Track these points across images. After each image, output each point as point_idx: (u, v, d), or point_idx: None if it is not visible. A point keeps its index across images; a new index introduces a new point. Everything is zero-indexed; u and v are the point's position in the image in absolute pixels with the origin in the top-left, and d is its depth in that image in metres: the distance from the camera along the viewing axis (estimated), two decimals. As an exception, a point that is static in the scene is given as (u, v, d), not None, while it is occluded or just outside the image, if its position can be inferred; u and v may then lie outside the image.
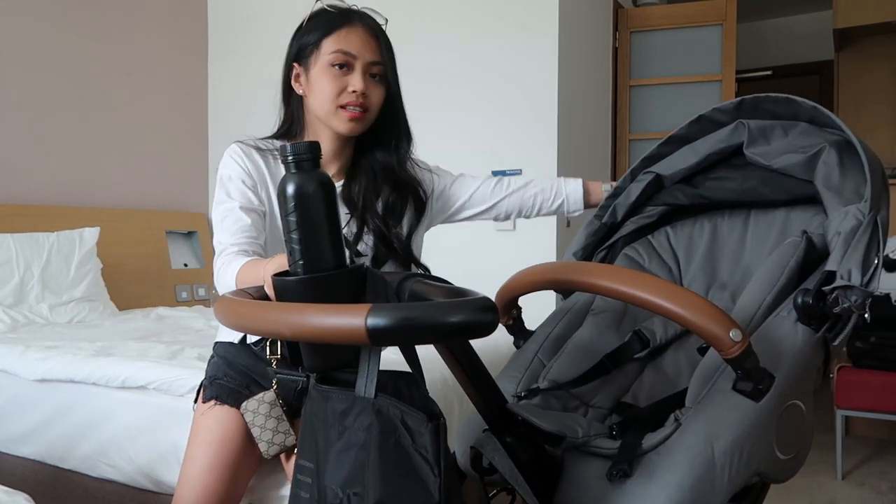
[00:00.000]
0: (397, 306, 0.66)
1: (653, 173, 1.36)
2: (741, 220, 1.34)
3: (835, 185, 1.11)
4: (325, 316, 0.68)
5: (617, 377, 1.27)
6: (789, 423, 0.96)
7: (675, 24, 3.95)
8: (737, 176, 1.30)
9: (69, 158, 3.40)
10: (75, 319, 2.90)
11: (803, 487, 2.86)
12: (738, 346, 0.86)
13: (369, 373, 0.81)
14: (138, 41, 3.73)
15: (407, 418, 0.78)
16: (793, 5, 5.31)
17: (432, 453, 0.77)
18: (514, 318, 1.31)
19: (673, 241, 1.41)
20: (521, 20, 3.20)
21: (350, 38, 1.33)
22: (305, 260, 0.81)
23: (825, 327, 1.02)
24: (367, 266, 0.86)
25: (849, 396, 2.93)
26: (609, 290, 0.94)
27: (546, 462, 1.01)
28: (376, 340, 0.66)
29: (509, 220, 1.66)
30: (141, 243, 3.54)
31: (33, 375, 2.04)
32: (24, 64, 3.22)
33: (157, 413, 1.83)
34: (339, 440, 0.83)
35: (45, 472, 2.03)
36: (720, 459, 0.90)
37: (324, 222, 0.81)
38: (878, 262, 1.00)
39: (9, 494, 1.25)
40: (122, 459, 1.87)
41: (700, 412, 0.95)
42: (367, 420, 0.80)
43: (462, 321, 0.66)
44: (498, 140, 3.25)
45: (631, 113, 4.02)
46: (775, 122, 1.24)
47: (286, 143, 0.82)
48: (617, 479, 0.92)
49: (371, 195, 1.40)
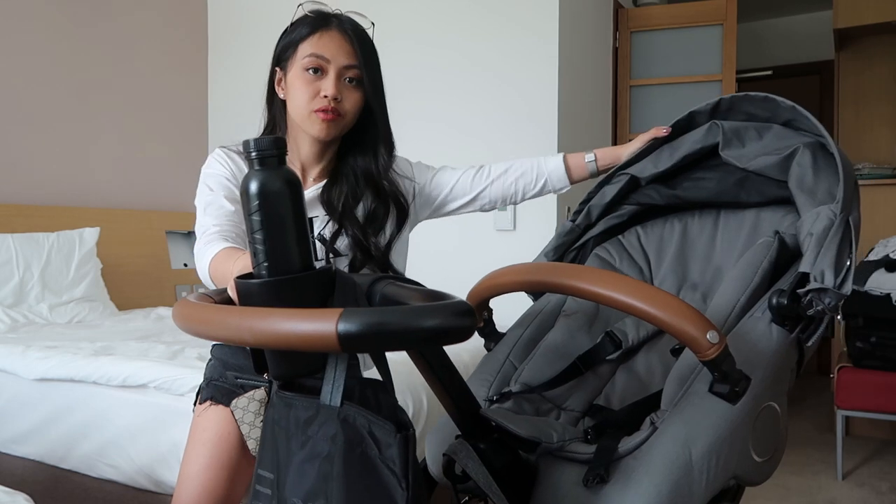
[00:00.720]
0: (370, 311, 0.62)
1: (628, 175, 1.36)
2: (711, 220, 1.34)
3: (808, 186, 1.11)
4: (292, 321, 0.63)
5: (589, 379, 1.26)
6: (765, 425, 0.96)
7: (676, 24, 3.95)
8: (713, 177, 1.30)
9: (69, 159, 3.40)
10: (75, 319, 2.90)
11: (803, 488, 2.86)
12: (716, 347, 0.85)
13: (336, 380, 0.77)
14: (138, 41, 3.73)
15: (374, 428, 0.75)
16: (793, 5, 5.30)
17: (400, 466, 0.73)
18: (486, 321, 1.28)
19: (643, 241, 1.41)
20: (522, 20, 3.20)
21: (324, 43, 1.32)
22: (270, 262, 0.76)
23: (799, 328, 1.02)
24: (336, 268, 0.82)
25: (849, 397, 2.93)
26: (585, 291, 0.93)
27: (520, 468, 0.99)
28: (348, 347, 0.61)
29: (498, 208, 1.63)
30: (141, 243, 3.54)
31: (33, 375, 2.04)
32: (24, 64, 3.22)
33: (158, 413, 1.83)
34: (301, 450, 0.79)
35: (44, 473, 2.02)
36: (698, 463, 0.89)
37: (289, 222, 0.77)
38: (851, 264, 0.99)
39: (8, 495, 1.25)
40: (121, 459, 1.87)
41: (676, 415, 0.94)
42: (332, 429, 0.77)
43: (439, 326, 0.62)
44: (498, 140, 3.25)
45: (631, 113, 4.02)
46: (749, 123, 1.25)
47: (249, 139, 0.78)
48: (593, 484, 0.91)
49: (350, 201, 1.39)
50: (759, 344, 0.99)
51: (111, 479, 1.91)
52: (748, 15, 5.30)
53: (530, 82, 3.19)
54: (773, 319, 1.00)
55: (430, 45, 3.32)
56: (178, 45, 3.97)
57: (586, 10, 3.52)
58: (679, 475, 0.88)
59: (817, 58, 5.26)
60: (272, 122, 1.44)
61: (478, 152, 3.26)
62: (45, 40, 3.30)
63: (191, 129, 4.01)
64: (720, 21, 3.85)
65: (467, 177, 1.59)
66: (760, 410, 0.95)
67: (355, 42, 1.35)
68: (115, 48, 3.61)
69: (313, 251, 1.30)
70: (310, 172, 1.43)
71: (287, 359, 0.80)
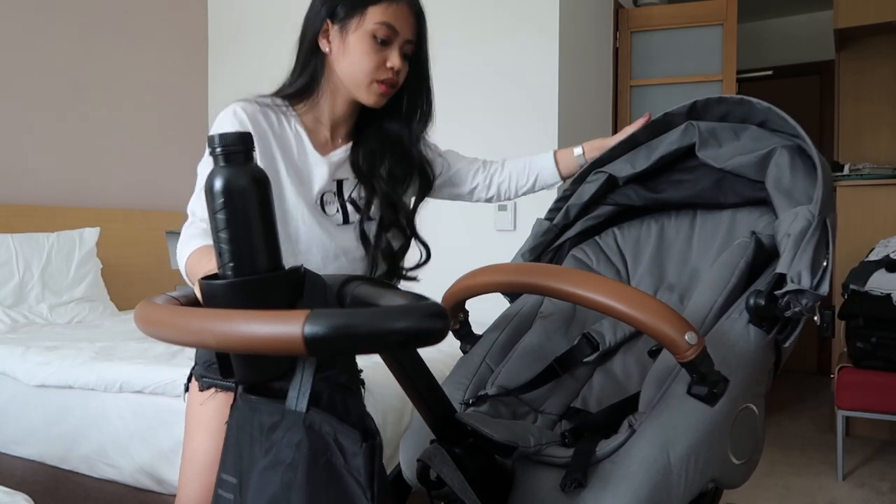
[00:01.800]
0: (338, 312, 0.59)
1: (605, 173, 1.36)
2: (688, 220, 1.34)
3: (785, 187, 1.11)
4: (257, 324, 0.60)
5: (566, 382, 1.25)
6: (743, 427, 0.95)
7: (676, 24, 3.95)
8: (690, 178, 1.30)
9: (69, 159, 3.40)
10: (75, 320, 2.90)
11: (804, 488, 2.86)
12: (694, 349, 0.85)
13: (302, 384, 0.75)
14: (138, 41, 3.73)
15: (340, 436, 0.73)
16: (793, 5, 5.30)
17: (365, 476, 0.71)
18: (462, 323, 1.27)
19: (620, 242, 1.41)
20: (522, 20, 3.20)
21: (395, 14, 1.29)
22: (235, 262, 0.73)
23: (776, 329, 1.01)
24: (305, 269, 0.78)
25: (849, 397, 2.93)
26: (563, 292, 0.92)
27: (497, 473, 0.97)
28: (315, 350, 0.58)
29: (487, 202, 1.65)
30: (141, 243, 3.54)
31: (34, 381, 2.04)
32: (24, 65, 3.22)
33: (157, 412, 1.83)
34: (265, 457, 0.76)
35: (45, 473, 2.02)
36: (676, 466, 0.88)
37: (256, 221, 0.73)
38: (828, 265, 0.99)
39: (8, 495, 1.25)
40: (122, 459, 1.87)
41: (655, 418, 0.93)
42: (296, 436, 0.74)
43: (410, 328, 0.59)
44: (498, 140, 3.25)
45: (632, 113, 4.02)
46: (726, 124, 1.25)
47: (214, 135, 0.74)
48: (571, 489, 0.89)
49: (377, 160, 1.38)
50: (736, 345, 0.98)
51: (111, 479, 1.91)
52: (748, 15, 5.30)
53: (531, 82, 3.18)
54: (751, 320, 1.00)
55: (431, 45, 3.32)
56: (179, 45, 3.97)
57: (587, 10, 3.52)
58: (657, 479, 0.87)
59: (817, 58, 5.26)
60: (310, 77, 1.36)
61: (478, 151, 3.24)
62: (46, 41, 3.30)
63: (191, 129, 4.01)
64: (720, 21, 3.85)
65: (470, 167, 1.60)
66: (739, 412, 0.94)
67: (419, 17, 1.35)
68: (115, 48, 3.61)
69: (343, 213, 1.29)
70: (339, 132, 1.40)
71: (252, 363, 0.77)
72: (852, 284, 3.03)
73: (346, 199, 1.36)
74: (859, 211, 3.70)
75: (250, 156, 0.75)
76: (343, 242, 1.34)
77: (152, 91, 3.82)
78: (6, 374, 2.13)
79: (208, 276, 0.77)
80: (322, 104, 1.36)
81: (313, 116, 1.37)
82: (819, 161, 1.07)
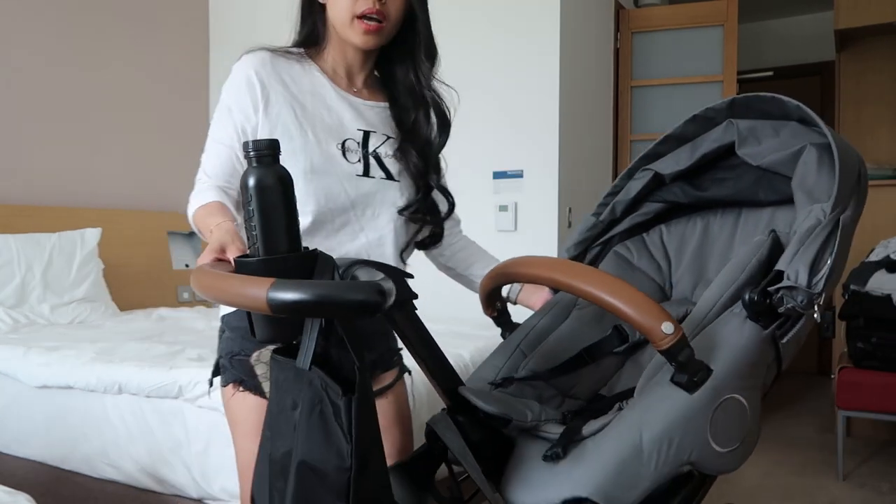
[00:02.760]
0: (297, 283, 0.74)
1: (651, 171, 1.36)
2: (732, 218, 1.35)
3: (808, 185, 1.12)
4: (238, 286, 0.78)
5: (597, 370, 1.30)
6: (727, 416, 0.97)
7: (677, 25, 3.95)
8: (732, 176, 1.32)
9: (71, 159, 3.41)
10: (76, 320, 2.91)
11: (804, 488, 2.86)
12: (670, 338, 0.89)
13: (307, 346, 0.91)
14: (140, 42, 3.74)
15: (329, 391, 0.87)
16: (794, 6, 5.31)
17: (346, 422, 0.85)
18: (500, 311, 1.34)
19: (666, 240, 1.42)
20: (523, 20, 3.21)
21: None
22: (263, 244, 0.89)
23: (775, 325, 1.03)
24: (319, 251, 0.94)
25: (850, 397, 2.93)
26: (552, 280, 1.00)
27: (501, 443, 1.07)
28: (275, 310, 0.73)
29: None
30: (142, 244, 3.55)
31: (35, 382, 2.04)
32: (25, 65, 3.22)
33: (158, 413, 1.83)
34: (280, 404, 0.94)
35: (46, 473, 2.03)
36: (647, 447, 0.93)
37: (280, 211, 0.89)
38: (831, 263, 1.00)
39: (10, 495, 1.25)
40: (123, 460, 1.87)
41: (638, 402, 0.99)
42: (300, 388, 0.90)
43: (345, 299, 0.74)
44: (499, 140, 3.25)
45: (632, 113, 4.02)
46: (766, 121, 1.25)
47: (248, 140, 0.87)
48: (550, 460, 0.98)
49: (418, 118, 1.36)
50: (728, 338, 1.01)
51: (112, 480, 1.92)
52: (749, 16, 5.30)
53: (532, 82, 3.19)
54: (748, 316, 1.02)
55: (431, 46, 3.32)
56: (180, 46, 3.97)
57: (587, 11, 3.53)
58: (626, 456, 0.93)
59: (818, 59, 5.26)
60: (311, 31, 1.34)
61: (479, 152, 3.26)
62: (47, 41, 3.31)
63: (191, 129, 4.02)
64: (721, 22, 3.85)
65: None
66: (722, 402, 0.97)
67: None
68: (116, 48, 3.62)
69: (364, 164, 1.30)
70: (356, 79, 1.37)
71: (268, 324, 0.92)
72: (853, 285, 3.03)
73: (369, 151, 1.32)
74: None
75: (277, 158, 0.90)
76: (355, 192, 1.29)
77: (154, 91, 3.82)
78: (8, 375, 2.13)
79: (242, 255, 0.93)
80: (331, 52, 1.33)
81: (328, 65, 1.34)
82: (839, 156, 1.07)
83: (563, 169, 3.19)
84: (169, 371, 1.84)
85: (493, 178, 3.27)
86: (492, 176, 3.28)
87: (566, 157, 3.23)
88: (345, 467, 0.86)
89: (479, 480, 0.99)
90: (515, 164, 3.23)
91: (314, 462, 0.88)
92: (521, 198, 3.23)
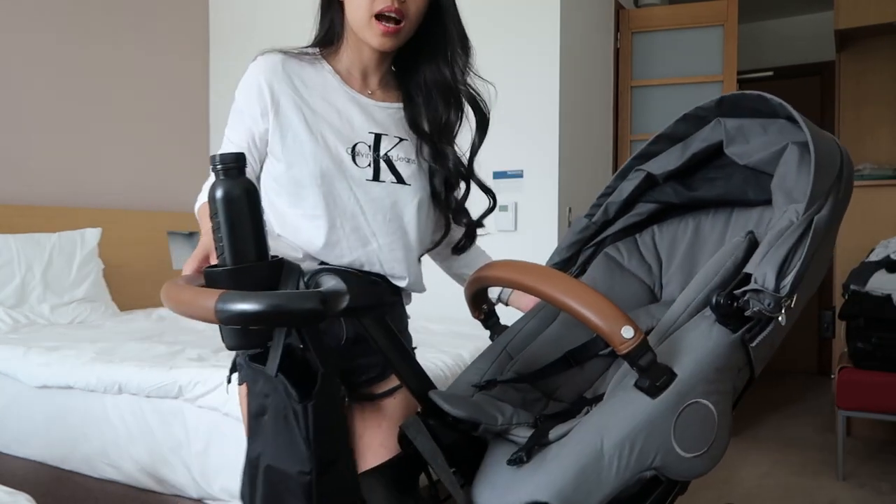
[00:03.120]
0: (243, 294, 0.77)
1: (643, 171, 1.35)
2: (723, 218, 1.34)
3: (787, 185, 1.10)
4: (187, 297, 0.81)
5: (582, 373, 1.29)
6: (693, 421, 0.96)
7: (677, 25, 3.95)
8: (722, 175, 1.30)
9: (71, 159, 3.41)
10: (77, 320, 2.91)
11: (804, 488, 2.86)
12: (630, 342, 0.89)
13: (275, 353, 0.94)
14: (140, 41, 3.74)
15: (291, 397, 0.91)
16: (794, 6, 5.31)
17: (304, 426, 0.91)
18: (487, 313, 1.34)
19: (657, 240, 1.41)
20: (523, 20, 3.21)
21: None
22: (230, 254, 0.91)
23: (745, 328, 1.01)
24: (284, 259, 0.96)
25: (850, 397, 2.93)
26: (515, 282, 1.01)
27: (476, 446, 1.09)
28: (223, 321, 0.77)
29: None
30: (142, 244, 3.55)
31: (35, 382, 2.04)
32: (25, 64, 3.22)
33: (158, 413, 1.83)
34: (252, 409, 0.99)
35: (46, 473, 2.03)
36: (609, 452, 0.93)
37: (247, 222, 0.91)
38: (801, 265, 0.98)
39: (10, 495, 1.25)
40: (123, 460, 1.87)
41: (602, 406, 0.98)
42: (269, 393, 0.95)
43: (285, 308, 0.77)
44: (499, 141, 3.23)
45: (632, 113, 4.02)
46: (755, 119, 1.23)
47: (215, 154, 0.90)
48: (513, 464, 0.99)
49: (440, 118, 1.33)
50: (695, 342, 1.00)
51: (113, 480, 1.92)
52: (749, 16, 5.30)
53: (532, 82, 3.19)
54: (717, 319, 1.00)
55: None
56: (180, 46, 3.97)
57: (588, 11, 3.53)
58: (587, 461, 0.93)
59: (818, 59, 5.26)
60: (329, 29, 1.31)
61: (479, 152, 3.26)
62: (47, 41, 3.31)
63: (192, 129, 4.02)
64: (721, 22, 3.85)
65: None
66: (686, 406, 0.95)
67: None
68: (116, 48, 3.62)
69: (374, 169, 1.29)
70: (370, 80, 1.34)
71: (233, 332, 0.95)
72: (853, 285, 3.03)
73: (380, 154, 1.30)
74: (860, 211, 3.70)
75: (243, 171, 0.92)
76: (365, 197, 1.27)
77: (154, 91, 3.82)
78: (8, 375, 2.13)
79: (212, 266, 0.95)
80: (347, 53, 1.31)
81: (343, 65, 1.32)
82: (816, 155, 1.05)
83: (563, 169, 3.19)
84: (169, 371, 1.84)
85: (494, 178, 3.27)
86: (492, 176, 3.28)
87: (566, 157, 3.23)
88: (305, 471, 0.91)
89: (447, 482, 1.01)
90: (515, 164, 3.23)
91: (279, 466, 0.93)
92: (521, 198, 3.22)
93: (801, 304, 1.05)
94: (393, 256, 1.30)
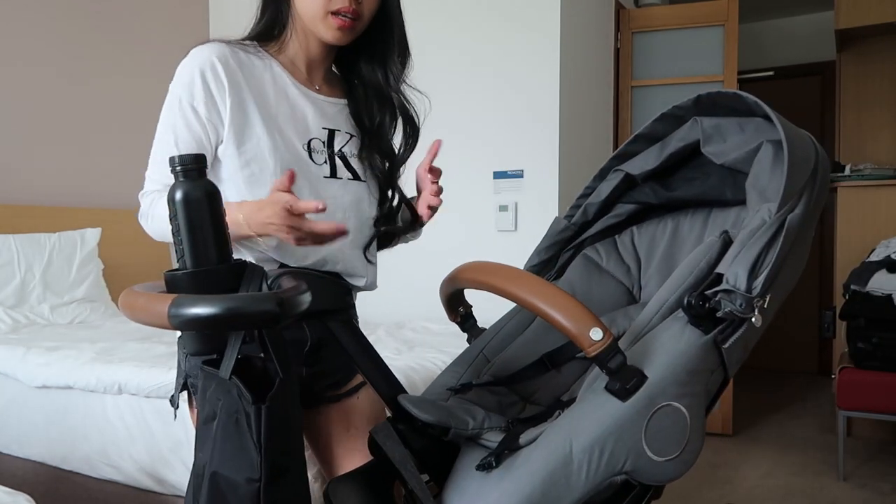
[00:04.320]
0: (196, 298, 0.76)
1: (622, 172, 1.34)
2: (701, 218, 1.33)
3: (761, 185, 1.09)
4: (141, 303, 0.81)
5: (560, 376, 1.28)
6: (664, 424, 0.94)
7: (677, 25, 3.94)
8: (699, 175, 1.29)
9: (70, 159, 3.41)
10: (76, 320, 2.91)
11: (805, 489, 2.86)
12: (598, 344, 0.88)
13: (228, 356, 0.92)
14: (139, 41, 3.74)
15: (243, 400, 0.88)
16: (794, 6, 5.30)
17: (255, 431, 0.87)
18: (463, 316, 1.31)
19: (636, 241, 1.39)
20: (523, 20, 3.21)
21: None
22: (190, 257, 0.89)
23: (717, 329, 0.99)
24: (247, 261, 0.95)
25: (851, 397, 2.93)
26: (485, 284, 0.99)
27: (443, 451, 1.07)
28: (176, 326, 0.77)
29: None
30: (142, 244, 3.53)
31: (35, 382, 2.04)
32: (25, 64, 3.22)
33: (157, 413, 1.83)
34: (202, 414, 0.95)
35: (46, 473, 2.03)
36: (577, 456, 0.91)
37: (208, 225, 0.90)
38: (772, 265, 0.96)
39: (10, 495, 1.25)
40: (122, 460, 1.87)
41: (571, 410, 0.97)
42: (221, 397, 0.91)
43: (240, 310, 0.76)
44: (499, 141, 3.25)
45: (633, 113, 4.02)
46: (733, 118, 1.22)
47: (174, 156, 0.88)
48: (482, 469, 0.98)
49: (373, 112, 1.32)
50: (666, 343, 0.98)
51: (112, 480, 1.91)
52: (750, 16, 5.30)
53: (532, 82, 3.19)
54: (689, 320, 0.99)
55: (431, 45, 3.32)
56: (179, 46, 3.95)
57: (588, 11, 3.53)
58: (555, 466, 0.91)
59: (819, 58, 5.26)
60: (273, 20, 1.29)
61: (479, 153, 3.26)
62: (47, 42, 3.31)
63: (192, 129, 4.02)
64: (721, 22, 3.85)
65: None
66: (657, 409, 0.94)
67: None
68: (116, 48, 3.62)
69: (331, 167, 1.27)
70: (315, 74, 1.32)
71: (193, 337, 0.95)
72: (853, 285, 3.03)
73: (335, 150, 1.28)
74: (860, 211, 3.70)
75: (203, 172, 0.90)
76: (324, 194, 1.24)
77: (154, 91, 3.81)
78: (7, 375, 2.13)
79: (172, 270, 0.93)
80: (293, 45, 1.28)
81: (287, 58, 1.29)
82: (789, 153, 1.03)
83: (563, 169, 3.19)
84: (169, 371, 1.84)
85: (493, 178, 3.27)
86: (492, 176, 3.28)
87: (566, 157, 3.23)
88: (254, 479, 0.87)
89: (417, 488, 0.99)
90: (515, 164, 3.23)
91: (226, 472, 0.89)
92: (521, 198, 3.22)
93: (776, 305, 1.03)
94: (354, 255, 1.29)
